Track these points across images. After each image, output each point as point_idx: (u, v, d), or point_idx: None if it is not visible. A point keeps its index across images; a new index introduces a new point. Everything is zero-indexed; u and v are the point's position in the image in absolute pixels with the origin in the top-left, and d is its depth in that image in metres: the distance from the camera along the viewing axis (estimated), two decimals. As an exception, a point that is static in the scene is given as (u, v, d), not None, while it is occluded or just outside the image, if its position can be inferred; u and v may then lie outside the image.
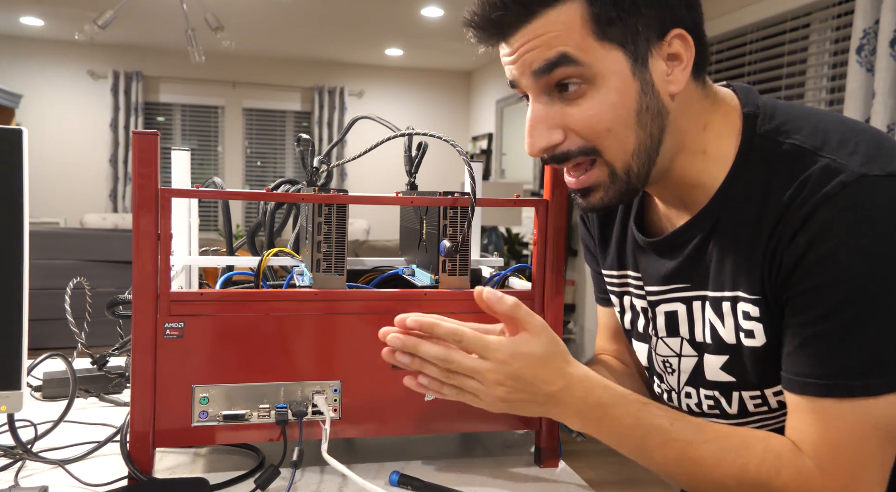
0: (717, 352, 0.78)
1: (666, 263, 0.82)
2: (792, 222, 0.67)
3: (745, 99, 0.77)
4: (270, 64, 6.84)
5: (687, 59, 0.72)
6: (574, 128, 0.72)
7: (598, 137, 0.71)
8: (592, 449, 3.37)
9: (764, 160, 0.72)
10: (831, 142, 0.68)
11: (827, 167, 0.66)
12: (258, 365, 0.82)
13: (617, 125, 0.70)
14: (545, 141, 0.73)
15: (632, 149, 0.72)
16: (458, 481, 0.85)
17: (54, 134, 6.39)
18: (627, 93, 0.70)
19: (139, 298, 0.78)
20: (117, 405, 1.13)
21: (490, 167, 6.35)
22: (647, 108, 0.71)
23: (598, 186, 0.75)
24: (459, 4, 4.72)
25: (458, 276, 0.89)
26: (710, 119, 0.76)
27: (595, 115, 0.70)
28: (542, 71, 0.70)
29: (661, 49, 0.71)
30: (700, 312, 0.79)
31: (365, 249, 4.95)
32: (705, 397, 0.82)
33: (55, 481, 0.82)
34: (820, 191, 0.65)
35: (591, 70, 0.69)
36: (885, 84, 2.21)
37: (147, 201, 0.78)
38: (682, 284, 0.80)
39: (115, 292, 0.89)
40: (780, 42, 2.96)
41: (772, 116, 0.74)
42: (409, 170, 0.98)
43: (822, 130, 0.70)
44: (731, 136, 0.75)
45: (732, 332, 0.75)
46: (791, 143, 0.70)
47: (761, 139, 0.73)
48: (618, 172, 0.73)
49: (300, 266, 0.94)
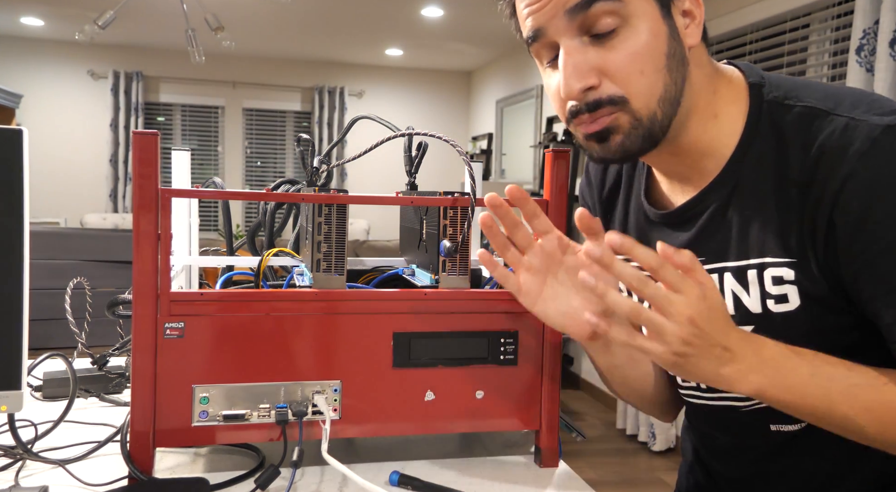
0: (742, 323, 0.76)
1: (678, 236, 0.81)
2: (830, 183, 0.67)
3: (749, 71, 0.77)
4: (270, 64, 6.84)
5: (699, 16, 0.73)
6: (609, 69, 0.70)
7: (631, 79, 0.70)
8: (592, 449, 3.37)
9: (774, 124, 0.72)
10: (844, 103, 0.69)
11: (848, 125, 0.67)
12: (258, 365, 0.82)
13: (649, 67, 0.70)
14: (583, 82, 0.70)
15: (658, 94, 0.71)
16: (458, 481, 0.85)
17: (54, 134, 6.39)
18: (659, 35, 0.70)
19: (139, 298, 0.78)
20: (117, 405, 1.13)
21: (490, 167, 6.35)
22: (674, 53, 0.71)
23: (616, 129, 0.72)
24: (459, 4, 4.72)
25: (458, 276, 0.89)
26: (719, 85, 0.77)
27: (631, 56, 0.70)
28: (580, 7, 0.69)
29: (678, 2, 0.72)
30: (719, 284, 0.78)
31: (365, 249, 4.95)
32: None
33: (55, 481, 0.82)
34: (850, 148, 0.65)
35: (627, 8, 0.69)
36: (885, 84, 2.21)
37: (147, 201, 0.78)
38: (699, 258, 0.79)
39: (115, 292, 0.89)
40: (780, 42, 2.96)
41: (777, 85, 0.74)
42: (409, 170, 0.98)
43: (832, 93, 0.71)
44: (739, 105, 0.76)
45: (758, 300, 0.75)
46: (803, 105, 0.71)
47: (769, 105, 0.73)
48: (643, 118, 0.72)
49: (300, 266, 0.94)
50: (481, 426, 0.90)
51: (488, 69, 6.71)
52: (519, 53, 5.83)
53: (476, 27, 5.31)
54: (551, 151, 0.89)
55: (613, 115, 0.72)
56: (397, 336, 0.85)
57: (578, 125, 0.74)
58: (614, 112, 0.71)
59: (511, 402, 0.89)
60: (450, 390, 0.87)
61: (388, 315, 0.85)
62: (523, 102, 5.72)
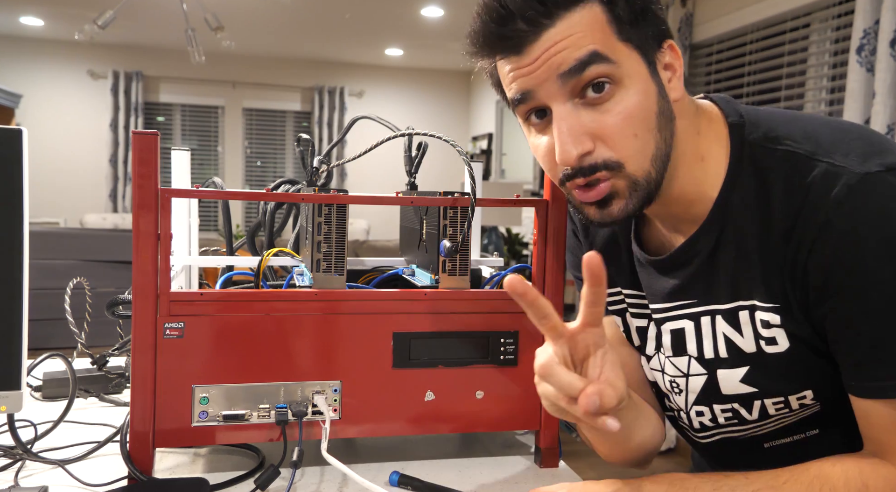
0: (736, 364, 0.77)
1: (670, 280, 0.81)
2: (808, 230, 0.67)
3: (727, 108, 0.77)
4: (270, 64, 6.84)
5: (679, 68, 0.73)
6: (604, 133, 0.69)
7: (625, 143, 0.69)
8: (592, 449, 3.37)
9: (758, 168, 0.72)
10: (823, 145, 0.69)
11: (827, 172, 0.67)
12: (258, 365, 0.82)
13: (642, 129, 0.69)
14: (580, 147, 0.68)
15: (651, 154, 0.70)
16: (458, 481, 0.85)
17: (54, 134, 6.39)
18: (650, 94, 0.70)
19: (139, 298, 0.78)
20: (117, 405, 1.13)
21: (490, 167, 6.35)
22: (663, 111, 0.71)
23: (617, 194, 0.71)
24: (459, 4, 4.72)
25: (458, 276, 0.89)
26: (700, 125, 0.76)
27: (625, 120, 0.68)
28: (574, 71, 0.67)
29: (660, 57, 0.72)
30: (710, 327, 0.78)
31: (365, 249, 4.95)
32: (721, 411, 0.81)
33: (55, 481, 0.82)
34: (828, 196, 0.66)
35: (620, 69, 0.68)
36: (885, 84, 2.21)
37: (147, 201, 0.78)
38: (689, 300, 0.80)
39: (115, 292, 0.89)
40: (780, 42, 2.96)
41: (756, 124, 0.74)
42: (409, 170, 0.98)
43: (810, 133, 0.71)
44: (721, 146, 0.75)
45: (752, 341, 0.75)
46: (784, 149, 0.71)
47: (751, 148, 0.73)
48: (639, 180, 0.70)
49: (300, 266, 0.94)
50: (481, 426, 0.90)
51: (488, 69, 6.70)
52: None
53: (476, 27, 5.31)
54: (551, 150, 0.89)
55: (610, 180, 0.70)
56: (397, 336, 0.85)
57: (573, 189, 0.72)
58: (610, 177, 0.70)
59: (511, 402, 0.89)
60: (450, 391, 0.87)
61: (388, 315, 0.85)
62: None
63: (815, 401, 0.76)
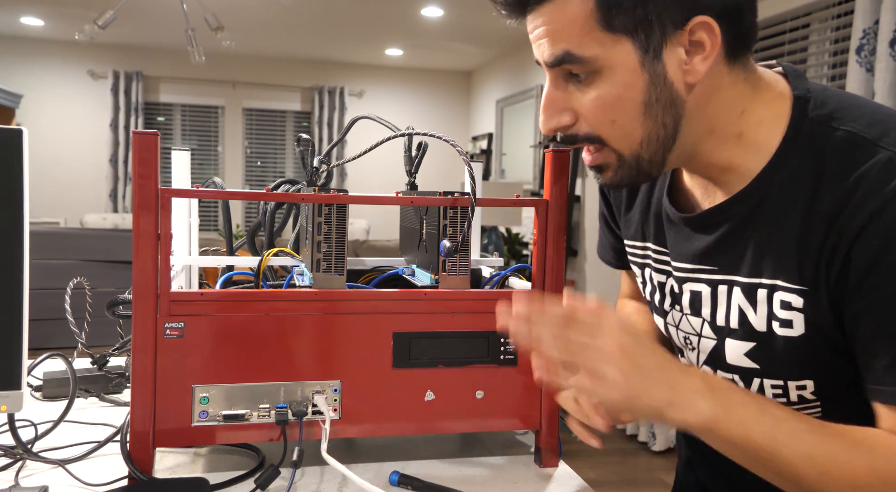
0: (744, 338, 0.76)
1: (696, 241, 0.80)
2: (857, 217, 0.65)
3: (796, 82, 0.74)
4: (270, 64, 6.84)
5: (711, 47, 0.68)
6: (581, 112, 0.72)
7: (603, 126, 0.72)
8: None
9: (814, 147, 0.69)
10: (891, 133, 0.66)
11: (891, 160, 0.64)
12: (258, 365, 0.82)
13: (622, 117, 0.70)
14: (555, 122, 0.74)
15: (639, 139, 0.71)
16: (458, 481, 0.85)
17: (54, 134, 6.39)
18: (634, 86, 0.69)
19: (139, 298, 0.78)
20: (117, 405, 1.13)
21: (490, 167, 6.35)
22: (657, 99, 0.70)
23: (607, 166, 0.75)
24: (459, 4, 4.72)
25: (459, 276, 0.89)
26: (750, 105, 0.73)
27: (600, 107, 0.71)
28: (549, 64, 0.72)
29: (680, 37, 0.68)
30: (725, 296, 0.77)
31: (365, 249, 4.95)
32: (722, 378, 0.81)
33: (55, 481, 0.82)
34: (887, 186, 0.63)
35: (597, 64, 0.69)
36: (885, 84, 2.21)
37: (147, 201, 0.78)
38: (710, 266, 0.79)
39: (115, 292, 0.89)
40: (780, 42, 2.96)
41: (823, 102, 0.71)
42: (409, 170, 0.98)
43: (880, 119, 0.68)
44: (776, 122, 0.72)
45: (764, 320, 0.74)
46: (847, 130, 0.68)
47: (812, 124, 0.70)
48: (626, 158, 0.73)
49: (300, 266, 0.94)
50: (481, 426, 0.90)
51: (488, 69, 6.71)
52: (519, 53, 5.84)
53: (476, 27, 5.31)
54: (551, 150, 0.89)
55: (599, 153, 0.74)
56: (397, 336, 0.85)
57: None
58: (596, 149, 0.74)
59: (511, 402, 0.89)
60: (450, 390, 0.87)
61: (388, 315, 0.85)
62: (523, 102, 5.72)
63: (815, 397, 0.75)
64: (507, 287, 0.98)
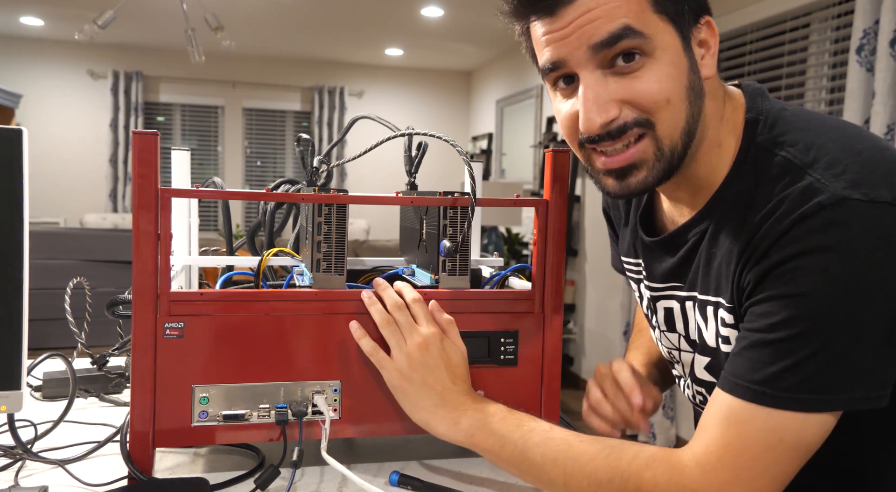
0: (703, 353, 0.79)
1: (664, 262, 0.83)
2: (767, 238, 0.66)
3: (751, 102, 0.75)
4: (270, 64, 6.84)
5: (714, 46, 0.73)
6: (634, 99, 0.69)
7: (658, 108, 0.69)
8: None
9: (755, 170, 0.71)
10: (822, 160, 0.66)
11: (809, 187, 0.65)
12: (258, 365, 0.82)
13: (675, 96, 0.70)
14: (605, 116, 0.70)
15: (682, 124, 0.71)
16: (458, 481, 0.85)
17: (54, 134, 6.39)
18: (681, 67, 0.70)
19: (139, 298, 0.78)
20: (117, 405, 1.13)
21: (490, 167, 6.35)
22: (693, 86, 0.71)
23: (642, 164, 0.72)
24: (459, 4, 4.72)
25: (458, 276, 0.89)
26: (724, 111, 0.76)
27: (658, 86, 0.69)
28: (605, 44, 0.68)
29: (695, 33, 0.72)
30: (692, 311, 0.80)
31: (365, 249, 4.95)
32: (696, 392, 0.84)
33: (55, 481, 0.82)
34: (798, 210, 0.64)
35: (652, 43, 0.68)
36: (885, 84, 2.21)
37: (147, 201, 0.78)
38: (678, 283, 0.82)
39: (115, 292, 0.89)
40: (780, 42, 2.96)
41: (773, 125, 0.73)
42: (409, 170, 0.98)
43: (817, 145, 0.68)
44: (735, 136, 0.75)
45: (713, 336, 0.76)
46: (783, 155, 0.69)
47: (757, 148, 0.72)
48: (665, 149, 0.71)
49: (300, 266, 0.94)
50: (481, 426, 0.90)
51: (488, 69, 6.71)
52: (519, 53, 5.82)
53: (476, 27, 5.31)
54: (551, 150, 0.89)
55: (639, 145, 0.71)
56: (397, 336, 0.85)
57: (597, 155, 0.73)
58: (642, 136, 0.70)
59: (511, 402, 0.89)
60: (450, 390, 0.87)
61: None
62: (523, 102, 5.72)
63: None
64: (507, 287, 0.98)
